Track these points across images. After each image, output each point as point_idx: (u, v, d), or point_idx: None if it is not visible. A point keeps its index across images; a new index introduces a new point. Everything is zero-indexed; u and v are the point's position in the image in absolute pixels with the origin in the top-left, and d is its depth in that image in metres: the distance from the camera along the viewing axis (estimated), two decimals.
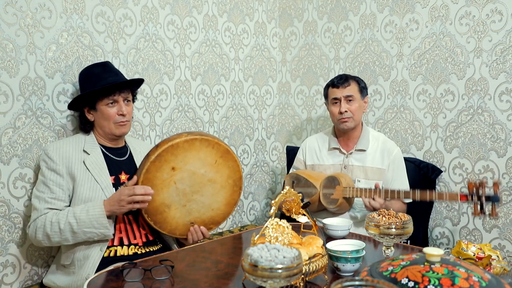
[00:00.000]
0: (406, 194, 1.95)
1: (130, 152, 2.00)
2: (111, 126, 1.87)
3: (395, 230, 1.29)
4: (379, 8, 2.62)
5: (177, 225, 1.84)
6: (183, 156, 1.77)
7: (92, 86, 1.86)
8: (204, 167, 1.83)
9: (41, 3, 1.96)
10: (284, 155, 3.04)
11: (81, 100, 1.90)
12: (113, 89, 1.85)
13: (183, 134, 1.79)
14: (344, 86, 2.20)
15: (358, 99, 2.22)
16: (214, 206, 1.90)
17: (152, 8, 2.40)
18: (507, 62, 2.20)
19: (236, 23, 2.84)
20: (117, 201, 1.71)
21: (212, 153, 1.83)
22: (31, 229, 1.77)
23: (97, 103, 1.87)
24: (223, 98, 2.81)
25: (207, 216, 1.90)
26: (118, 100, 1.87)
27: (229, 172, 1.89)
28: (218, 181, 1.87)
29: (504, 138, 2.23)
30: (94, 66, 1.95)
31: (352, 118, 2.19)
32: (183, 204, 1.83)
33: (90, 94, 1.86)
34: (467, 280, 0.89)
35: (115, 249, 1.79)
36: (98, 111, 1.87)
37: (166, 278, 1.34)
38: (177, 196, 1.81)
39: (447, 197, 1.87)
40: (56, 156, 1.80)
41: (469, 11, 2.29)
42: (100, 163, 1.86)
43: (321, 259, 1.28)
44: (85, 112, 1.90)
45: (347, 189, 2.06)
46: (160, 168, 1.75)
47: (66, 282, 1.78)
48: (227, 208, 1.93)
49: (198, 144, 1.79)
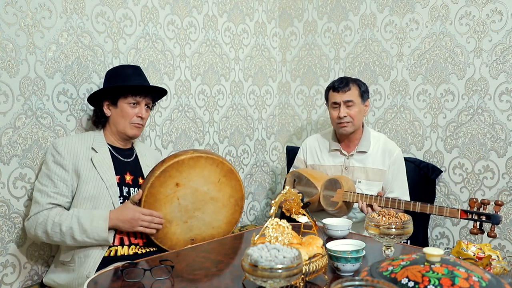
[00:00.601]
0: (406, 205, 1.91)
1: (136, 154, 2.02)
2: (127, 125, 1.90)
3: (395, 230, 1.29)
4: (379, 8, 2.62)
5: (178, 241, 1.85)
6: (187, 173, 1.80)
7: (122, 83, 1.90)
8: (207, 185, 1.86)
9: (41, 3, 1.96)
10: (284, 155, 3.04)
11: (104, 94, 1.92)
12: (140, 91, 1.90)
13: (189, 151, 1.83)
14: (344, 90, 2.18)
15: (358, 103, 2.19)
16: (214, 224, 1.92)
17: (152, 8, 2.40)
18: (507, 62, 2.20)
19: (236, 23, 2.84)
20: (128, 222, 1.74)
21: (216, 172, 1.86)
22: (30, 222, 1.77)
23: (119, 100, 1.90)
24: (223, 98, 2.81)
25: (207, 234, 1.91)
26: (140, 103, 1.91)
27: (231, 192, 1.91)
28: (220, 200, 1.90)
29: (504, 138, 2.23)
30: (126, 66, 2.01)
31: (352, 123, 2.18)
32: (185, 220, 1.85)
33: (117, 89, 1.89)
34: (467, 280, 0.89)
35: (116, 248, 1.79)
36: (119, 107, 1.90)
37: (166, 278, 1.34)
38: (179, 212, 1.83)
39: (447, 212, 1.83)
40: (64, 151, 1.81)
41: (469, 11, 2.29)
42: (107, 162, 1.87)
43: (321, 259, 1.28)
44: (104, 107, 1.93)
45: (347, 194, 2.05)
46: (165, 183, 1.77)
47: (66, 280, 1.78)
48: (227, 227, 1.95)
49: (203, 162, 1.82)
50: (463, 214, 1.80)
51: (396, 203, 1.93)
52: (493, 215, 1.73)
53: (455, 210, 1.81)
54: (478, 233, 1.77)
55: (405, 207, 1.92)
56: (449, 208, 1.83)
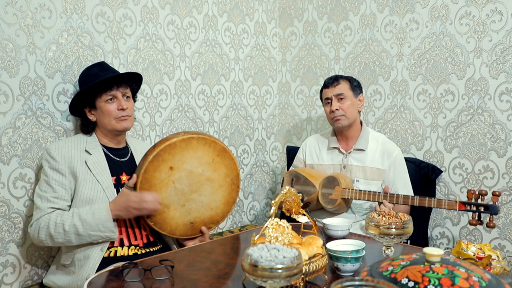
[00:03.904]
0: (405, 200, 1.95)
1: (131, 153, 2.00)
2: (112, 122, 1.88)
3: (395, 230, 1.29)
4: (379, 8, 2.62)
5: (177, 225, 1.84)
6: (180, 155, 1.78)
7: (91, 83, 1.87)
8: (202, 166, 1.83)
9: (41, 3, 1.96)
10: (284, 155, 3.04)
11: (81, 101, 1.90)
12: (111, 84, 1.86)
13: (180, 133, 1.80)
14: (334, 85, 2.24)
15: (350, 96, 2.23)
16: (213, 205, 1.90)
17: (152, 8, 2.40)
18: (507, 62, 2.20)
19: (236, 23, 2.84)
20: (124, 207, 1.72)
21: (209, 152, 1.83)
22: (33, 229, 1.76)
23: (96, 101, 1.87)
24: (223, 98, 2.81)
25: (206, 216, 1.89)
26: (117, 96, 1.88)
27: (226, 171, 1.89)
28: (216, 180, 1.88)
29: (504, 138, 2.23)
30: (91, 66, 1.97)
31: (345, 116, 2.20)
32: (182, 203, 1.83)
33: (89, 92, 1.87)
34: (467, 280, 0.89)
35: (116, 249, 1.79)
36: (98, 109, 1.88)
37: (166, 278, 1.34)
38: (175, 196, 1.81)
39: (445, 205, 1.85)
40: (58, 156, 1.80)
41: (469, 11, 2.29)
42: (102, 163, 1.86)
43: (321, 259, 1.28)
44: (87, 113, 1.91)
45: (346, 191, 2.06)
46: (158, 168, 1.75)
47: (66, 282, 1.78)
48: (226, 207, 1.93)
49: (195, 143, 1.79)
50: (461, 206, 1.81)
51: (395, 198, 1.96)
52: (491, 206, 1.74)
53: (453, 202, 1.84)
54: (477, 224, 1.78)
55: (403, 202, 1.95)
56: (448, 200, 1.85)
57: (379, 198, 2.00)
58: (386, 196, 1.99)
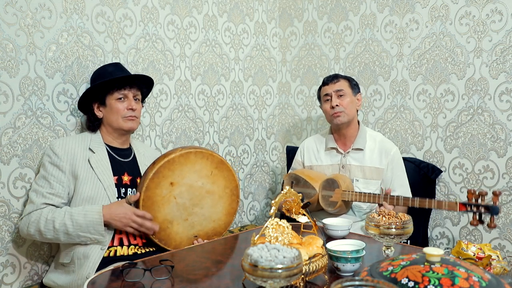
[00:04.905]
0: (405, 201, 1.93)
1: (134, 154, 2.02)
2: (120, 120, 1.90)
3: (395, 230, 1.29)
4: (379, 8, 2.62)
5: (181, 240, 1.86)
6: (180, 170, 1.80)
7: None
8: (201, 179, 1.86)
9: (41, 3, 1.96)
10: (284, 155, 3.04)
11: (91, 97, 1.93)
12: (124, 84, 1.90)
13: (178, 149, 1.84)
14: (333, 82, 2.25)
15: (349, 94, 2.24)
16: (215, 217, 1.92)
17: (152, 8, 2.40)
18: (507, 62, 2.20)
19: (236, 23, 2.84)
20: (119, 220, 1.73)
21: (207, 165, 1.86)
22: (23, 222, 1.77)
23: (107, 98, 1.90)
24: (223, 98, 2.81)
25: (209, 228, 1.92)
26: (128, 96, 1.91)
27: (225, 182, 1.92)
28: (216, 192, 1.91)
29: (504, 138, 2.23)
30: (106, 65, 2.01)
31: (344, 112, 2.20)
32: (185, 218, 1.85)
33: (101, 88, 1.89)
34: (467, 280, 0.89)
35: (115, 249, 1.79)
36: (108, 106, 1.90)
37: (166, 278, 1.34)
38: (178, 211, 1.83)
39: (446, 206, 1.84)
40: (61, 152, 1.81)
41: (469, 11, 2.29)
42: (105, 162, 1.87)
43: (321, 259, 1.28)
44: (94, 109, 1.93)
45: (346, 193, 2.05)
46: (159, 184, 1.77)
47: (66, 281, 1.78)
48: (227, 217, 1.96)
49: (193, 157, 1.83)
50: (462, 207, 1.80)
51: (395, 200, 1.95)
52: (492, 206, 1.73)
53: (454, 203, 1.83)
54: (478, 224, 1.77)
55: (404, 203, 1.94)
56: (448, 201, 1.84)
57: (380, 200, 1.99)
58: (386, 198, 1.98)
